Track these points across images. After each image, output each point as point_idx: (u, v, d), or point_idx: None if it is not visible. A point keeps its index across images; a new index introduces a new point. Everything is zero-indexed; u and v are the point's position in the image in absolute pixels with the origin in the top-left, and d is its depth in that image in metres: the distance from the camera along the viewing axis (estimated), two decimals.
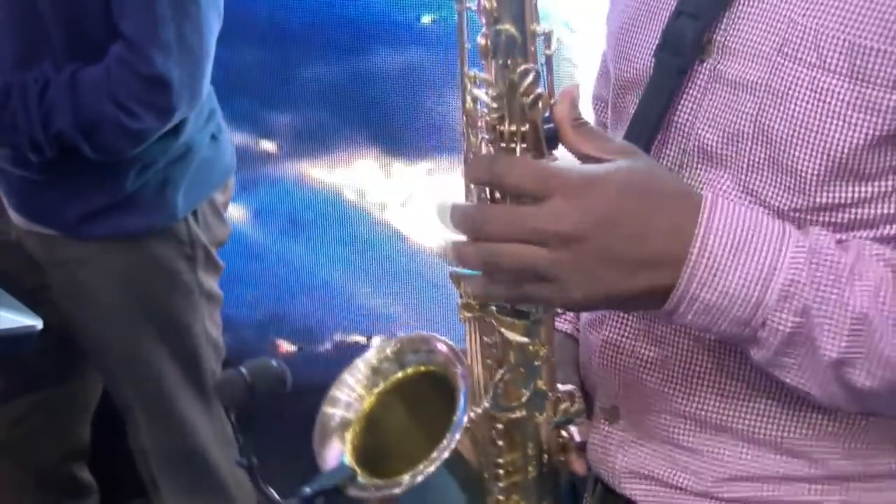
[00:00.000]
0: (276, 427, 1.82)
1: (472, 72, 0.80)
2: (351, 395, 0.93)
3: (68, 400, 2.17)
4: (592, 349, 0.99)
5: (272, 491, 0.94)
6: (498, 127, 0.78)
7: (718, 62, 0.87)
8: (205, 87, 1.85)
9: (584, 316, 1.02)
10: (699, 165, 0.89)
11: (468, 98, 0.80)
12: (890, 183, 0.83)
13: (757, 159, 0.85)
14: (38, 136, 1.76)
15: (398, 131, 2.45)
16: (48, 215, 1.93)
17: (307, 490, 0.85)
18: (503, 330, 0.85)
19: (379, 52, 2.42)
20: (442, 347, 0.91)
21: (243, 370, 0.97)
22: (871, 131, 0.80)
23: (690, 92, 0.89)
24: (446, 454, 0.84)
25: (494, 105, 0.77)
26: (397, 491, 0.85)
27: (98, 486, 2.30)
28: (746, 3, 0.86)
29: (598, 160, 0.78)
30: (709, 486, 0.93)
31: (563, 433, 0.93)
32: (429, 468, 0.84)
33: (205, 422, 2.04)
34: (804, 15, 0.82)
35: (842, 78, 0.80)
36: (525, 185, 0.76)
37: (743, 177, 0.86)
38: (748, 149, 0.85)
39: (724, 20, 0.87)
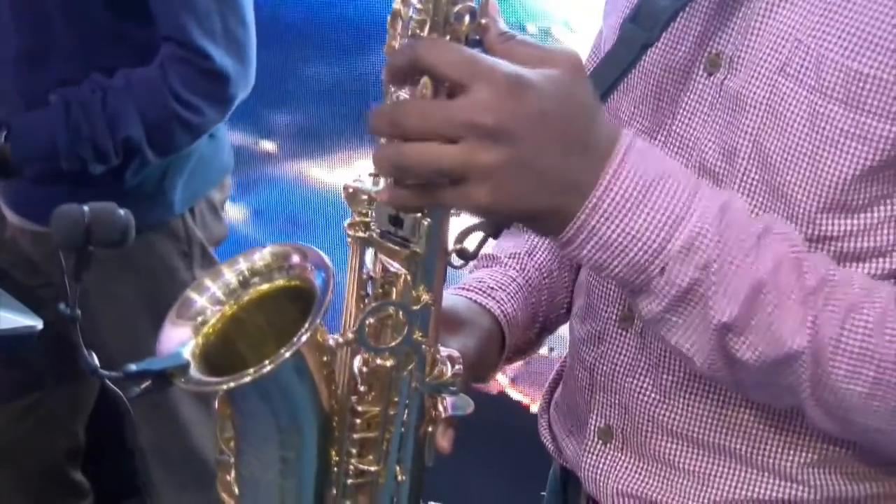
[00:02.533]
0: None
1: None
2: (220, 292, 0.86)
3: (65, 401, 2.17)
4: (588, 368, 0.98)
5: (93, 356, 0.88)
6: (418, 32, 0.72)
7: (726, 77, 0.85)
8: (253, 74, 1.85)
9: (579, 333, 1.00)
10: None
11: None
12: (876, 215, 0.82)
13: (751, 180, 0.84)
14: (105, 144, 1.76)
15: None
16: (45, 212, 1.92)
17: (133, 367, 0.80)
18: (382, 256, 0.79)
19: (379, 51, 2.42)
20: (315, 262, 0.85)
21: (85, 208, 0.89)
22: (862, 161, 0.79)
23: (697, 106, 0.88)
24: (276, 363, 0.78)
25: (420, 6, 0.72)
26: (223, 387, 0.80)
27: (92, 486, 2.30)
28: (757, 17, 0.84)
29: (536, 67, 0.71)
30: None
31: (437, 402, 0.85)
32: (256, 374, 0.78)
33: (201, 421, 2.04)
34: (809, 35, 0.81)
35: (838, 104, 0.79)
36: (449, 68, 0.69)
37: None
38: (743, 168, 0.84)
39: (734, 33, 0.85)
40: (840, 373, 0.78)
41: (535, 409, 2.35)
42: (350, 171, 2.54)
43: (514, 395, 2.36)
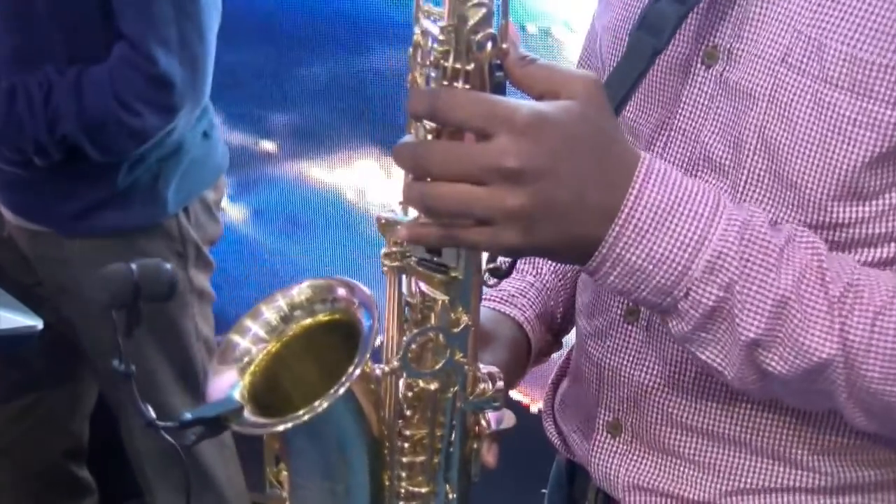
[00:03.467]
0: None
1: (427, 5, 0.76)
2: (262, 330, 0.89)
3: (66, 399, 2.17)
4: (595, 363, 0.99)
5: (149, 408, 0.91)
6: (442, 62, 0.73)
7: (725, 69, 0.86)
8: (207, 85, 1.86)
9: (585, 329, 1.01)
10: (705, 174, 0.88)
11: (418, 31, 0.76)
12: (888, 201, 0.82)
13: (759, 171, 0.84)
14: (44, 139, 1.77)
15: (398, 131, 2.44)
16: (39, 212, 1.93)
17: (188, 416, 0.83)
18: (422, 284, 0.81)
19: (378, 51, 2.42)
20: (359, 296, 0.87)
21: (133, 266, 0.91)
22: (870, 148, 0.79)
23: (698, 99, 0.88)
24: (329, 402, 0.80)
25: (441, 37, 0.73)
26: (280, 429, 0.82)
27: (97, 485, 2.30)
28: (754, 9, 0.84)
29: (552, 96, 0.73)
30: (715, 498, 0.93)
31: (480, 419, 0.88)
32: (311, 414, 0.80)
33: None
34: (809, 25, 0.81)
35: (843, 92, 0.79)
36: (469, 119, 0.71)
37: (744, 188, 0.85)
38: (750, 159, 0.84)
39: (731, 26, 0.86)
40: (874, 375, 0.79)
41: (535, 409, 2.35)
42: (350, 171, 2.54)
43: (514, 395, 2.36)
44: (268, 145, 2.63)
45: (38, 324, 1.72)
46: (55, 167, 1.83)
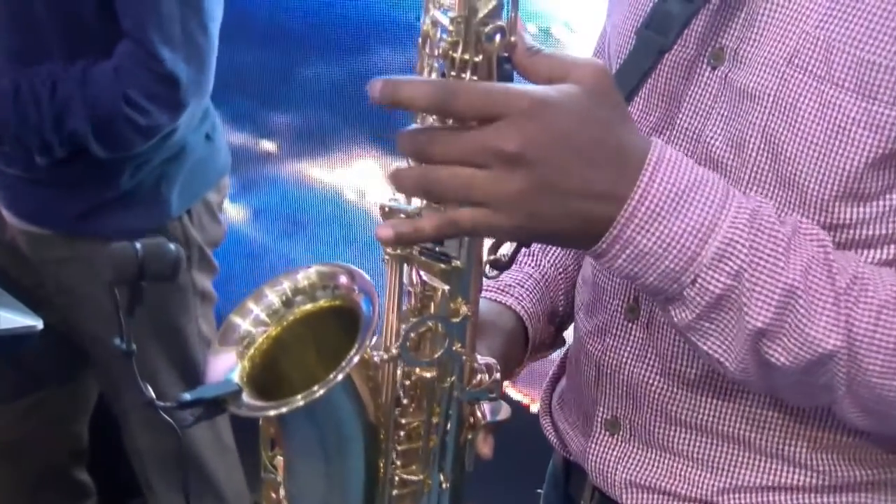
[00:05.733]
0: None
1: None
2: (264, 313, 0.89)
3: (67, 400, 2.17)
4: (594, 361, 0.99)
5: (149, 388, 0.91)
6: (451, 53, 0.73)
7: (730, 70, 0.86)
8: (211, 80, 1.85)
9: (584, 326, 1.01)
10: None
11: (427, 20, 0.76)
12: (889, 203, 0.82)
13: (761, 171, 0.85)
14: (51, 135, 1.76)
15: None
16: (43, 214, 1.93)
17: (186, 396, 0.83)
18: (422, 273, 0.81)
19: (379, 51, 2.42)
20: (360, 283, 0.87)
21: (137, 245, 0.92)
22: (874, 149, 0.80)
23: (701, 99, 0.89)
24: (327, 388, 0.80)
25: (451, 28, 0.73)
26: (277, 413, 0.82)
27: (97, 485, 2.30)
28: (762, 11, 0.85)
29: (559, 81, 0.72)
30: (712, 495, 0.93)
31: (476, 409, 0.87)
32: (309, 399, 0.80)
33: (200, 426, 2.04)
34: (816, 27, 0.81)
35: (848, 93, 0.80)
36: (473, 108, 0.70)
37: (746, 188, 0.85)
38: (753, 159, 0.85)
39: (738, 27, 0.86)
40: (875, 369, 0.79)
41: (535, 408, 2.35)
42: (350, 171, 2.54)
43: (514, 395, 2.36)
44: (268, 145, 2.63)
45: (38, 324, 1.72)
46: (59, 169, 1.83)
